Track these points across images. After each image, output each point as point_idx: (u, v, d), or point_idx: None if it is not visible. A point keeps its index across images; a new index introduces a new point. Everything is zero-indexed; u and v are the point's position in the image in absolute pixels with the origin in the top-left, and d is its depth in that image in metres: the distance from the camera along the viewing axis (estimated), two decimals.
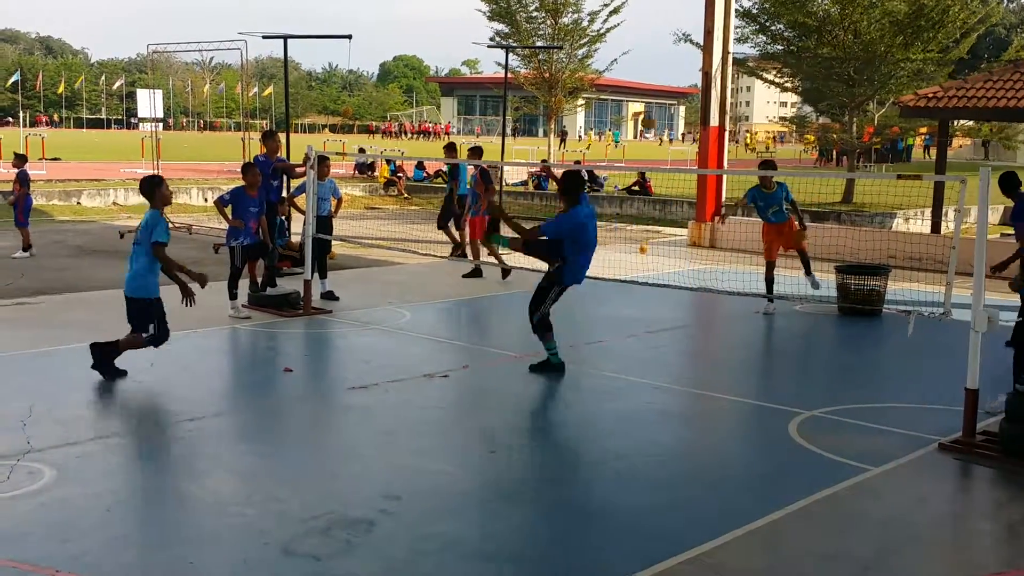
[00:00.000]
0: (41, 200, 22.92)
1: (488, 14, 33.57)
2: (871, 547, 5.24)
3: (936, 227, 18.20)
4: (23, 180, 15.44)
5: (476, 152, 14.98)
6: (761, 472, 6.47)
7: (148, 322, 8.03)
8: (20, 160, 15.83)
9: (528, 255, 8.99)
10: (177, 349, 9.40)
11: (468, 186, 14.56)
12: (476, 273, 14.01)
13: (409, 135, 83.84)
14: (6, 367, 8.51)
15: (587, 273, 8.64)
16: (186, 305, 8.16)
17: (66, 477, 5.90)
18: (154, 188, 8.12)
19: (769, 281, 11.83)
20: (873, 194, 24.40)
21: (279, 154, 12.40)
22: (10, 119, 63.31)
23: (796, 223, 11.95)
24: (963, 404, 6.88)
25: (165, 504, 5.60)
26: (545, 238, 8.49)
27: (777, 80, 28.74)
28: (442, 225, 15.72)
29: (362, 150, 39.51)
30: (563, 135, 59.09)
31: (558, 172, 14.18)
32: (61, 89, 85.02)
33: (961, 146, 57.42)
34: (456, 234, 15.36)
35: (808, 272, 11.92)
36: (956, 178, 8.39)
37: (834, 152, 45.54)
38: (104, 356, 8.05)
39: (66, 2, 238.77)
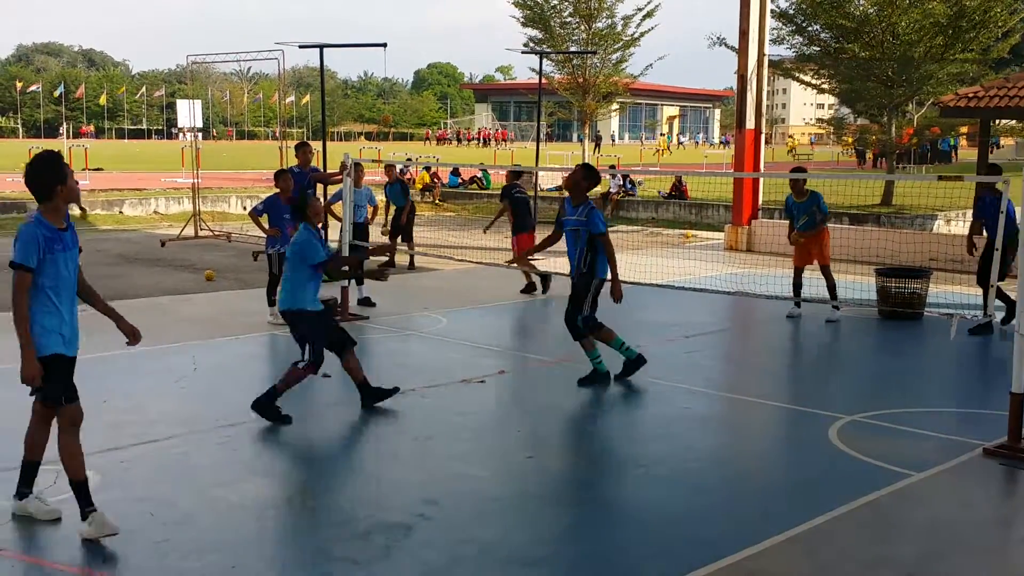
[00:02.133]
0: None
1: (522, 20, 33.62)
2: (914, 553, 5.17)
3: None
4: None
5: (512, 175, 14.42)
6: (801, 477, 6.41)
7: (305, 340, 7.34)
8: None
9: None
10: (217, 355, 9.53)
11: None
12: (532, 288, 13.36)
13: (467, 142, 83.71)
14: None
15: (625, 277, 8.63)
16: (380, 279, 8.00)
17: (110, 482, 5.99)
18: (304, 207, 7.58)
19: (796, 286, 11.60)
20: (913, 196, 24.10)
21: (312, 164, 12.51)
22: (61, 131, 64.75)
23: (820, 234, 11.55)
24: (1008, 409, 6.76)
25: (206, 508, 5.66)
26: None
27: (814, 82, 28.46)
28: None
29: (410, 159, 39.73)
30: (598, 140, 59.00)
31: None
32: (103, 100, 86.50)
33: (1003, 145, 56.52)
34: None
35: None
36: (999, 179, 8.28)
37: (869, 155, 45.02)
38: (265, 406, 7.30)
39: (107, 15, 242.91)
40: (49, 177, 5.04)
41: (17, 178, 31.81)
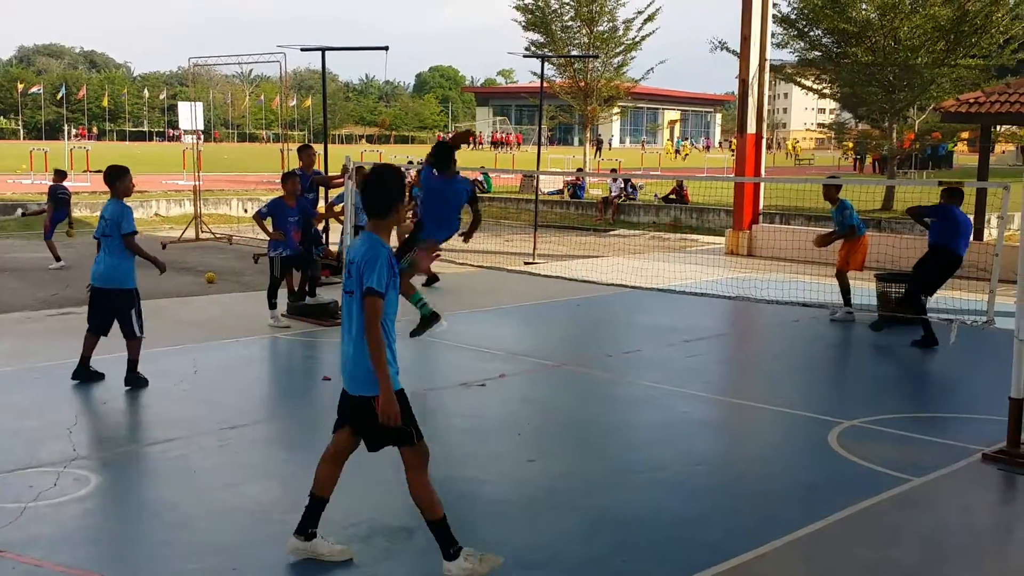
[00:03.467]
0: (86, 211, 23.34)
1: (524, 24, 33.65)
2: (914, 558, 5.18)
3: (978, 234, 17.91)
4: (51, 195, 15.97)
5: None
6: (801, 482, 6.42)
7: (130, 310, 8.13)
8: (59, 176, 16.34)
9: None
10: (218, 358, 9.54)
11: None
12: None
13: (479, 145, 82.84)
14: (53, 376, 8.67)
15: (617, 280, 8.64)
16: (160, 272, 8.55)
17: (111, 483, 6.01)
18: (116, 179, 8.17)
19: (843, 290, 11.79)
20: (914, 201, 24.10)
21: (315, 167, 12.54)
22: (75, 133, 64.73)
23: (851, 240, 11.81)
24: (1007, 414, 6.77)
25: (207, 510, 5.67)
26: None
27: (815, 86, 28.49)
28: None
29: (411, 162, 39.73)
30: (599, 143, 59.03)
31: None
32: (105, 103, 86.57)
33: (1004, 151, 56.53)
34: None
35: (846, 302, 11.72)
36: (999, 184, 8.30)
37: (868, 159, 45.01)
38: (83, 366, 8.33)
39: (108, 17, 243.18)
40: (396, 193, 4.69)
41: (18, 179, 31.78)
